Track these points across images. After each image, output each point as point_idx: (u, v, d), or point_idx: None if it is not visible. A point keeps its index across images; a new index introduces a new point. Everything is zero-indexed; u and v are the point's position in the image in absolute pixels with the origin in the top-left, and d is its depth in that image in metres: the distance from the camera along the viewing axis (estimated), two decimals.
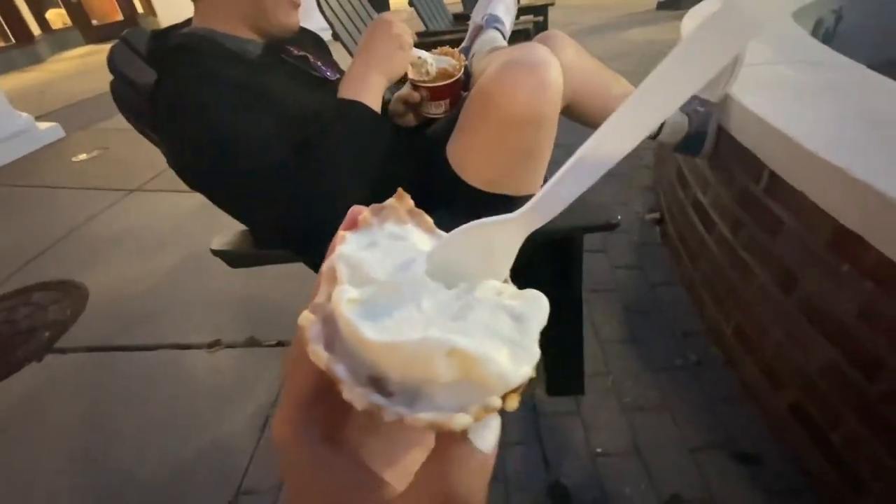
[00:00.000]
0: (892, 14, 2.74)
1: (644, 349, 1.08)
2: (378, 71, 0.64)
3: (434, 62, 0.70)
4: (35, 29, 6.44)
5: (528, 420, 0.95)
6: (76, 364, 1.24)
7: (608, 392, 0.99)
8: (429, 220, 0.18)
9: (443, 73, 0.71)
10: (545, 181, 0.28)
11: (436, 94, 0.72)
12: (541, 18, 2.33)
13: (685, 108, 0.95)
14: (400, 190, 0.18)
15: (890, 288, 0.63)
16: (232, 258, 0.67)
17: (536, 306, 0.16)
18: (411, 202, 0.18)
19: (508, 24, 0.98)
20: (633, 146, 0.15)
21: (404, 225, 0.18)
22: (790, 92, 0.95)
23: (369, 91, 0.63)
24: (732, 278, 0.99)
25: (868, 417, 0.69)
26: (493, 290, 0.16)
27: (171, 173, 0.63)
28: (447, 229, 0.18)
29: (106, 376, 1.20)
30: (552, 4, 2.61)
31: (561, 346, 0.87)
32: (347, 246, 0.16)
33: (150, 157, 2.42)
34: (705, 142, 0.99)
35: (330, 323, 0.14)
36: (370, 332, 0.14)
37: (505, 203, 0.67)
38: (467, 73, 0.91)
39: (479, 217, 0.17)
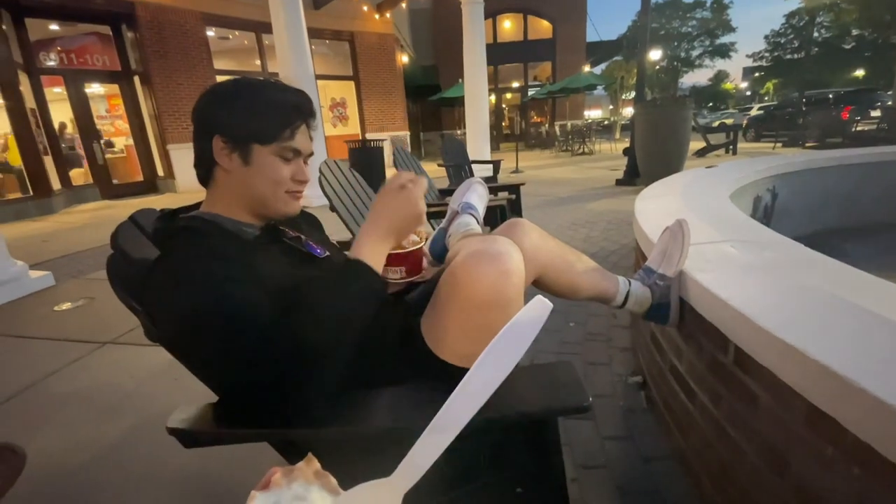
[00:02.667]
0: (816, 191, 3.20)
1: None
2: (394, 239, 0.69)
3: None
4: (56, 184, 7.02)
5: None
6: None
7: None
8: (333, 481, 0.22)
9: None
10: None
11: (391, 260, 0.77)
12: (513, 196, 2.65)
13: (646, 282, 1.04)
14: (310, 454, 0.22)
15: (880, 477, 0.61)
16: (188, 438, 0.62)
17: None
18: (317, 465, 0.22)
19: (482, 209, 1.12)
20: (465, 423, 0.24)
21: (310, 486, 0.21)
22: (738, 269, 1.05)
23: (380, 257, 0.67)
24: (723, 455, 0.94)
25: None
26: None
27: None
28: (426, 398, 0.27)
29: None
30: (523, 184, 3.02)
31: None
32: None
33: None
34: (670, 312, 1.05)
35: None
36: None
37: None
38: (442, 250, 1.01)
39: (453, 389, 0.23)
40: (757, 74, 38.36)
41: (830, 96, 13.65)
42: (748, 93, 44.73)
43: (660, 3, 30.41)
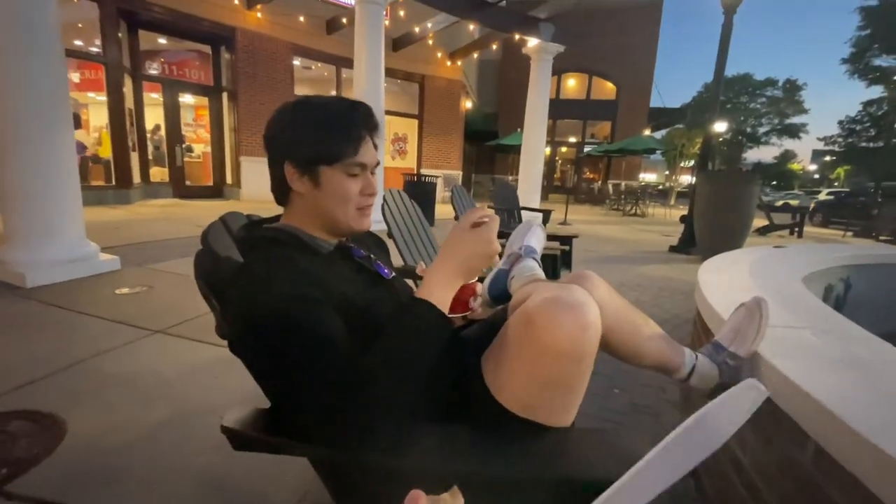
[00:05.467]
0: (893, 288, 2.94)
1: None
2: (464, 277, 0.68)
3: None
4: (136, 178, 7.67)
5: None
6: None
7: None
8: None
9: None
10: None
11: None
12: (567, 247, 2.62)
13: (715, 359, 0.97)
14: (455, 488, 0.21)
15: None
16: (240, 441, 0.62)
17: None
18: (461, 500, 0.21)
19: (540, 253, 1.11)
20: (670, 485, 0.20)
21: None
22: (822, 361, 0.96)
23: (449, 295, 0.66)
24: None
25: None
26: None
27: (199, 321, 0.65)
28: (476, 443, 0.23)
29: None
30: (577, 237, 2.97)
31: None
32: None
33: (185, 302, 2.59)
34: None
35: None
36: None
37: (535, 430, 0.64)
38: (502, 292, 1.00)
39: (510, 436, 0.20)
40: (827, 158, 36.84)
41: None
42: (816, 176, 42.88)
43: (729, 77, 30.29)
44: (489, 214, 0.72)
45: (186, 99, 9.09)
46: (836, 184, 33.15)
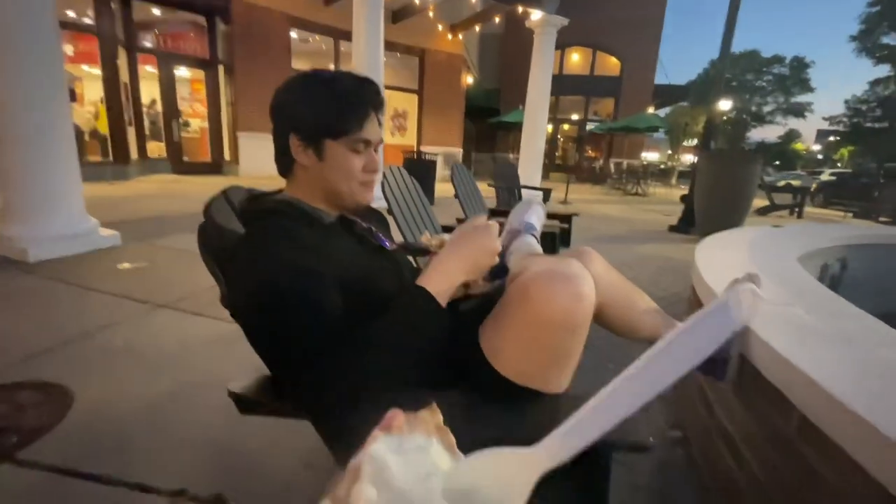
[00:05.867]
0: (890, 269, 2.97)
1: None
2: (466, 276, 0.68)
3: None
4: (134, 154, 7.59)
5: None
6: (28, 482, 1.11)
7: None
8: (452, 439, 0.21)
9: None
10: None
11: None
12: (566, 225, 2.62)
13: None
14: (434, 404, 0.21)
15: None
16: (246, 404, 0.65)
17: None
18: (440, 418, 0.21)
19: (539, 230, 1.12)
20: (639, 406, 0.21)
21: (430, 438, 0.20)
22: (811, 335, 0.98)
23: (448, 292, 0.66)
24: None
25: None
26: None
27: (201, 296, 0.67)
28: (473, 411, 0.21)
29: None
30: (577, 215, 2.97)
31: None
32: (377, 446, 0.18)
33: (187, 277, 2.61)
34: (728, 368, 1.00)
35: None
36: None
37: (532, 396, 0.67)
38: (500, 266, 1.01)
39: (505, 403, 0.19)
40: (832, 138, 36.46)
41: None
42: (820, 156, 42.49)
43: (735, 54, 29.65)
44: (492, 223, 0.73)
45: (182, 72, 8.92)
46: (839, 164, 32.91)
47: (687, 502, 1.15)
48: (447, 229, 2.11)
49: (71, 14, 6.77)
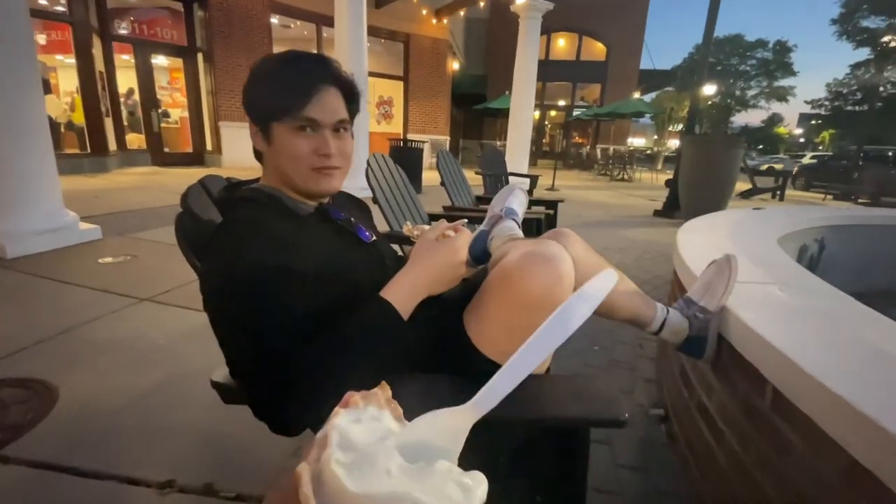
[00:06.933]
0: (866, 249, 3.05)
1: None
2: (429, 291, 0.66)
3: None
4: (112, 145, 7.39)
5: None
6: (16, 479, 1.10)
7: None
8: (399, 409, 0.25)
9: None
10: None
11: None
12: (552, 211, 2.64)
13: (685, 313, 1.02)
14: (384, 382, 0.25)
15: None
16: (229, 394, 0.65)
17: (478, 481, 0.21)
18: (389, 392, 0.25)
19: (521, 216, 1.13)
20: (537, 365, 0.28)
21: (381, 410, 0.24)
22: (785, 313, 1.02)
23: (411, 306, 0.65)
24: (745, 499, 0.91)
25: None
26: (445, 467, 0.21)
27: (186, 289, 0.66)
28: (461, 389, 0.27)
29: (43, 501, 1.05)
30: (562, 201, 2.99)
31: None
32: (340, 419, 0.22)
33: (171, 271, 2.58)
34: (706, 346, 1.03)
35: (316, 478, 0.19)
36: (350, 485, 0.18)
37: None
38: (482, 252, 1.02)
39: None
40: (814, 122, 37.00)
41: (890, 153, 13.04)
42: (802, 140, 43.14)
43: (720, 38, 29.76)
44: (458, 227, 0.71)
45: (160, 61, 8.67)
46: (820, 147, 33.45)
47: (667, 478, 1.19)
48: (434, 217, 2.11)
49: (42, 1, 6.51)
